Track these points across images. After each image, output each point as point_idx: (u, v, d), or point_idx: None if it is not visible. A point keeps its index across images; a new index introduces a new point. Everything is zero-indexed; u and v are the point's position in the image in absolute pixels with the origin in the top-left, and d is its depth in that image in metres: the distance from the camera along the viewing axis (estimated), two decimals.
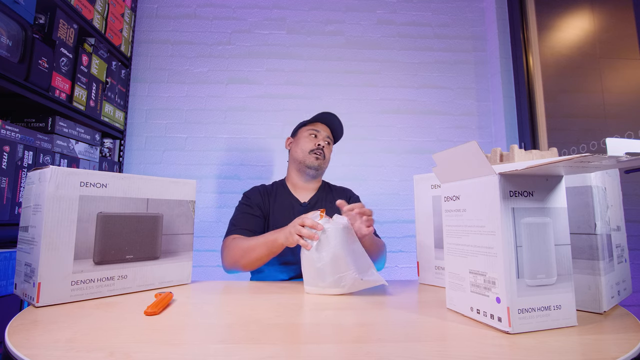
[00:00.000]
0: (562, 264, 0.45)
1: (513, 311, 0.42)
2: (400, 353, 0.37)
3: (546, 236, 0.45)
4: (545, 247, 0.44)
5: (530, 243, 0.44)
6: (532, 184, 0.45)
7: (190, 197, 0.75)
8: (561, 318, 0.44)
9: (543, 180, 0.46)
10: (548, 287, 0.44)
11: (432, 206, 0.71)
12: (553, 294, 0.44)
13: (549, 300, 0.43)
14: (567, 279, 0.45)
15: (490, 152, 0.71)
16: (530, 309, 0.43)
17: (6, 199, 1.05)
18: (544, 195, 0.45)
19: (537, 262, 0.44)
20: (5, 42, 1.04)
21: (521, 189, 0.45)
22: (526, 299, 0.43)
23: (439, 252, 0.69)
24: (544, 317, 0.43)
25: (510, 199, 0.44)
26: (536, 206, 0.45)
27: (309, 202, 1.09)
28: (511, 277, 0.43)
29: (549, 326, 0.43)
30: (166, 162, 1.82)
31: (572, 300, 0.44)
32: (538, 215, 0.45)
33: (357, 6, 2.00)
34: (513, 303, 0.42)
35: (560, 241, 0.45)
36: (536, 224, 0.44)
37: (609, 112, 1.45)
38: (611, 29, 1.48)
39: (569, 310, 0.44)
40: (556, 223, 0.45)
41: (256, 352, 0.37)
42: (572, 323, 0.44)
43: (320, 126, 1.14)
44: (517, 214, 0.44)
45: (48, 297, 0.53)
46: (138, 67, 1.88)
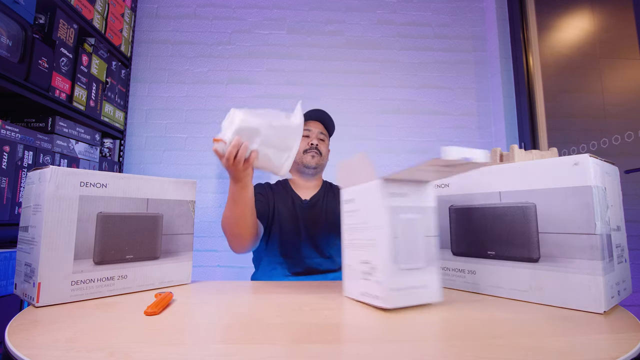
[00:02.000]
0: (429, 252, 0.55)
1: (386, 290, 0.52)
2: (400, 353, 0.37)
3: (417, 229, 0.55)
4: (416, 239, 0.55)
5: (404, 235, 0.54)
6: (406, 187, 0.56)
7: (190, 197, 0.75)
8: (428, 295, 0.54)
9: (416, 183, 0.56)
10: (417, 270, 0.54)
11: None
12: (421, 275, 0.54)
13: (418, 281, 0.54)
14: (433, 264, 0.55)
15: (490, 152, 0.71)
16: (403, 288, 0.53)
17: (6, 199, 1.05)
18: (417, 196, 0.56)
19: (409, 250, 0.54)
20: (5, 42, 1.05)
21: (398, 190, 0.55)
22: (399, 279, 0.53)
23: (440, 252, 0.69)
24: (413, 294, 0.53)
25: (390, 199, 0.54)
26: (410, 205, 0.55)
27: (310, 200, 1.10)
28: (390, 263, 0.53)
29: (418, 302, 0.54)
30: (166, 162, 1.82)
31: (437, 280, 0.55)
32: (411, 213, 0.55)
33: (357, 6, 2.00)
34: (387, 283, 0.52)
35: (428, 233, 0.56)
36: (409, 219, 0.55)
37: (609, 112, 1.45)
38: (611, 29, 1.48)
39: (434, 288, 0.55)
40: (425, 219, 0.56)
41: (256, 352, 0.37)
42: (437, 299, 0.55)
43: (312, 124, 1.15)
44: (394, 212, 0.54)
45: (48, 297, 0.53)
46: (138, 67, 1.88)
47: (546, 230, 0.55)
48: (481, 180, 0.63)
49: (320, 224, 1.07)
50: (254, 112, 0.67)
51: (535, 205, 0.56)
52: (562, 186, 0.53)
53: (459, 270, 0.66)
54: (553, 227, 0.54)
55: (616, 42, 1.45)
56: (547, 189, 0.55)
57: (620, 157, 1.33)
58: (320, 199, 1.11)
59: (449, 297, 0.61)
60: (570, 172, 0.52)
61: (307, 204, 1.09)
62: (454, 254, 0.67)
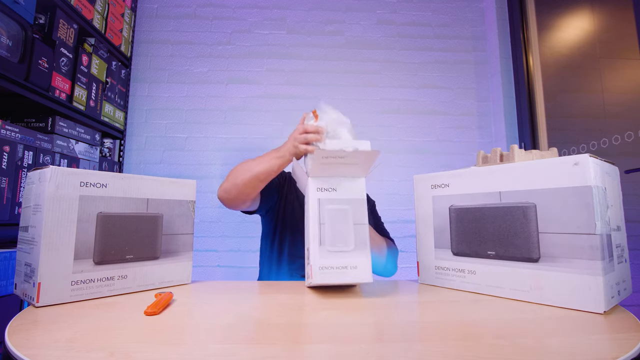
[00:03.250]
0: (359, 238, 0.62)
1: (315, 268, 0.61)
2: (400, 353, 0.37)
3: (346, 217, 0.63)
4: (345, 225, 0.62)
5: (331, 222, 0.62)
6: (335, 183, 0.65)
7: (190, 197, 0.75)
8: (358, 275, 0.60)
9: (346, 179, 0.65)
10: (346, 252, 0.61)
11: (432, 206, 0.71)
12: (350, 257, 0.61)
13: (346, 262, 0.60)
14: (362, 247, 0.62)
15: (490, 152, 0.71)
16: (329, 267, 0.60)
17: (6, 199, 1.05)
18: (345, 190, 0.65)
19: (337, 235, 0.62)
20: (5, 42, 1.05)
21: (327, 186, 0.65)
22: (326, 260, 0.60)
23: (439, 252, 0.69)
24: (341, 273, 0.60)
25: (317, 193, 0.64)
26: (337, 197, 0.64)
27: None
28: (317, 245, 0.61)
29: (347, 281, 0.60)
30: (166, 162, 1.82)
31: (367, 262, 0.61)
32: (339, 204, 0.63)
33: (357, 6, 2.00)
34: (316, 263, 0.61)
35: (358, 222, 0.63)
36: (337, 209, 0.63)
37: (609, 112, 1.45)
38: (611, 29, 1.48)
39: (364, 270, 0.61)
40: (355, 209, 0.63)
41: (256, 352, 0.37)
42: (367, 280, 0.60)
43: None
44: (322, 203, 0.63)
45: (48, 297, 0.53)
46: (138, 67, 1.88)
47: (546, 230, 0.55)
48: (481, 180, 0.63)
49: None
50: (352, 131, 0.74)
51: (535, 205, 0.56)
52: (562, 186, 0.53)
53: (459, 270, 0.66)
54: (553, 227, 0.54)
55: (616, 42, 1.45)
56: (547, 189, 0.55)
57: (620, 157, 1.33)
58: None
59: (449, 297, 0.61)
60: (570, 172, 0.52)
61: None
62: (454, 254, 0.67)
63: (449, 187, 0.68)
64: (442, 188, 0.70)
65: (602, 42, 1.51)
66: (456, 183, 0.67)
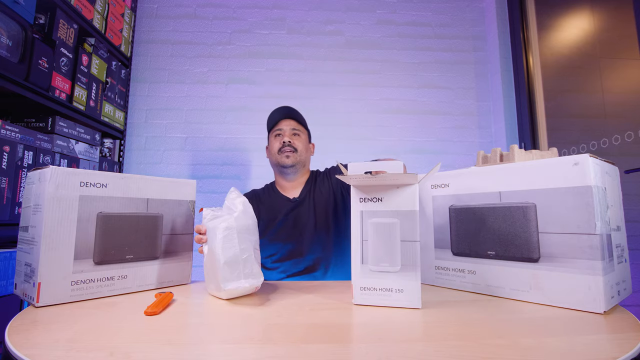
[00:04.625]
0: (407, 257, 0.54)
1: (356, 288, 0.56)
2: (400, 353, 0.37)
3: (392, 233, 0.54)
4: (391, 242, 0.54)
5: (375, 238, 0.55)
6: (382, 191, 0.56)
7: (190, 197, 0.75)
8: (403, 299, 0.53)
9: (394, 188, 0.55)
10: (391, 273, 0.54)
11: (432, 206, 0.71)
12: (396, 279, 0.54)
13: (391, 284, 0.54)
14: (412, 269, 0.53)
15: (490, 152, 0.71)
16: (371, 288, 0.55)
17: (6, 199, 1.05)
18: (393, 200, 0.55)
19: (380, 253, 0.54)
20: (5, 42, 1.05)
21: (370, 195, 0.56)
22: (368, 280, 0.55)
23: (439, 252, 0.69)
24: (385, 296, 0.54)
25: (360, 204, 0.56)
26: (384, 209, 0.55)
27: (298, 197, 1.09)
28: (358, 264, 0.55)
29: (391, 304, 0.54)
30: (166, 162, 1.82)
31: (416, 287, 0.53)
32: (385, 217, 0.55)
33: (357, 6, 2.00)
34: (356, 282, 0.56)
35: (407, 238, 0.54)
36: (382, 223, 0.55)
37: (609, 112, 1.45)
38: (611, 29, 1.48)
39: (412, 294, 0.53)
40: (404, 223, 0.54)
41: (256, 352, 0.37)
42: (414, 305, 0.53)
43: (283, 123, 1.11)
44: (364, 216, 0.56)
45: (48, 297, 0.53)
46: (138, 67, 1.88)
47: (546, 230, 0.55)
48: (481, 180, 0.63)
49: (310, 221, 1.05)
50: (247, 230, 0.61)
51: (535, 205, 0.56)
52: (562, 186, 0.53)
53: (459, 270, 0.66)
54: (553, 227, 0.54)
55: (616, 42, 1.45)
56: (547, 189, 0.55)
57: (620, 157, 1.33)
58: (307, 194, 1.09)
59: (449, 297, 0.61)
60: (570, 172, 0.52)
61: (295, 201, 1.08)
62: (454, 254, 0.67)
63: (449, 187, 0.68)
64: (442, 188, 0.69)
65: (602, 42, 1.51)
66: (456, 183, 0.67)
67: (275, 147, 1.09)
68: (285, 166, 1.07)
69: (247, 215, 0.62)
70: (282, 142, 1.08)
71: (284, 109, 1.12)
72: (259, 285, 0.60)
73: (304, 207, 1.07)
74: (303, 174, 1.13)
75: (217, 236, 0.58)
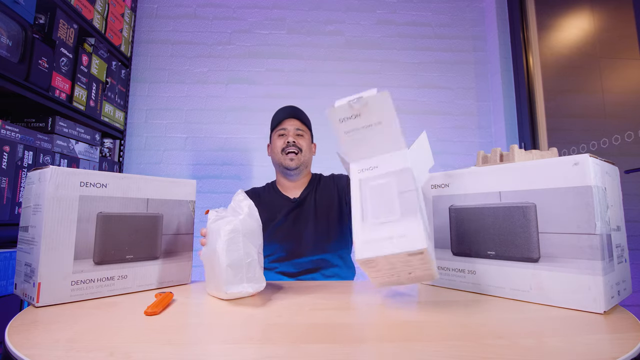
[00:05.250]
0: (406, 205, 0.54)
1: (358, 244, 0.54)
2: (400, 353, 0.37)
3: (389, 190, 0.56)
4: (388, 197, 0.56)
5: (373, 197, 0.57)
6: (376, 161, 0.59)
7: (190, 197, 0.75)
8: (406, 243, 0.52)
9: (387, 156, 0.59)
10: (391, 222, 0.54)
11: (432, 206, 0.71)
12: (395, 226, 0.53)
13: (391, 232, 0.53)
14: (410, 214, 0.53)
15: (490, 152, 0.71)
16: (374, 240, 0.54)
17: (6, 199, 1.05)
18: (388, 164, 0.58)
19: (379, 208, 0.55)
20: (5, 42, 1.05)
21: (367, 166, 0.59)
22: (369, 234, 0.55)
23: (439, 252, 0.69)
24: (387, 243, 0.53)
25: (358, 174, 0.59)
26: (379, 174, 0.58)
27: (299, 197, 1.09)
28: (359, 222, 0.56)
29: (395, 251, 0.52)
30: (166, 162, 1.82)
31: (416, 228, 0.52)
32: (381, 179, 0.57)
33: (357, 6, 2.00)
34: (358, 239, 0.55)
35: (403, 189, 0.55)
36: (379, 184, 0.57)
37: (609, 112, 1.45)
38: (611, 29, 1.48)
39: (413, 237, 0.52)
40: (399, 179, 0.56)
41: (256, 352, 0.37)
42: (418, 247, 0.51)
43: (287, 122, 1.11)
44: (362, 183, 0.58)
45: (48, 297, 0.53)
46: (138, 67, 1.88)
47: (546, 230, 0.55)
48: (481, 180, 0.63)
49: (310, 222, 1.05)
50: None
51: (535, 205, 0.56)
52: (562, 186, 0.53)
53: (459, 270, 0.66)
54: (553, 227, 0.54)
55: (616, 42, 1.45)
56: (547, 189, 0.55)
57: (620, 157, 1.33)
58: (309, 195, 1.09)
59: (449, 297, 0.61)
60: (570, 172, 0.52)
61: (296, 201, 1.08)
62: (454, 254, 0.67)
63: (449, 187, 0.68)
64: (442, 188, 0.69)
65: (602, 42, 1.51)
66: (456, 183, 0.67)
67: (279, 146, 1.08)
68: (289, 168, 1.07)
69: (252, 218, 0.62)
70: (286, 141, 1.08)
71: (289, 109, 1.12)
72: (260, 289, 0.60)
73: (305, 207, 1.07)
74: (305, 175, 1.13)
75: (221, 238, 0.58)
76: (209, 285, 0.63)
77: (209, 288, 0.63)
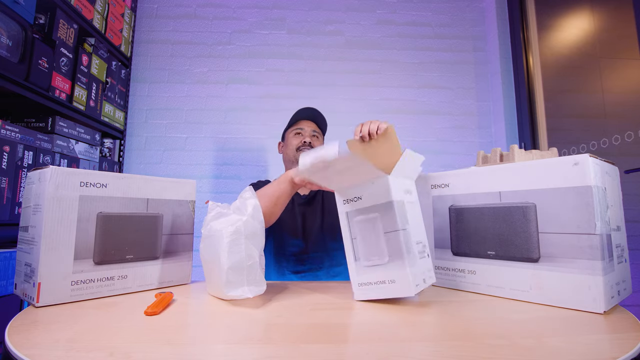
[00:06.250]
0: (393, 248, 0.55)
1: (355, 285, 0.59)
2: (400, 353, 0.37)
3: (375, 227, 0.56)
4: (375, 236, 0.56)
5: (361, 235, 0.58)
6: (360, 190, 0.58)
7: (190, 197, 0.75)
8: (397, 289, 0.54)
9: (369, 184, 0.57)
10: (382, 266, 0.56)
11: (432, 206, 0.71)
12: (386, 271, 0.55)
13: (383, 277, 0.55)
14: (398, 258, 0.54)
15: (490, 152, 0.71)
16: (367, 283, 0.57)
17: (6, 199, 1.05)
18: (371, 196, 0.57)
19: (369, 248, 0.57)
20: (5, 42, 1.04)
21: (351, 196, 0.59)
22: (363, 276, 0.58)
23: (439, 252, 0.69)
24: (380, 288, 0.56)
25: (344, 206, 0.60)
26: (363, 206, 0.58)
27: (308, 194, 1.10)
28: (352, 262, 0.59)
29: (387, 295, 0.55)
30: (166, 162, 1.82)
31: (406, 275, 0.53)
32: (366, 213, 0.57)
33: (357, 6, 2.00)
34: (354, 280, 0.59)
35: (389, 229, 0.55)
36: (364, 219, 0.57)
37: (609, 112, 1.45)
38: (611, 29, 1.48)
39: (403, 283, 0.54)
40: (384, 215, 0.55)
41: (256, 352, 0.37)
42: (407, 294, 0.54)
43: (304, 123, 1.14)
44: (349, 216, 0.59)
45: (48, 297, 0.53)
46: (138, 67, 1.88)
47: (546, 230, 0.55)
48: (481, 180, 0.63)
49: (317, 219, 1.06)
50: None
51: (535, 205, 0.56)
52: (562, 186, 0.53)
53: (459, 270, 0.66)
54: (553, 227, 0.54)
55: (616, 42, 1.45)
56: (547, 189, 0.55)
57: (620, 157, 1.33)
58: (318, 193, 1.10)
59: (449, 297, 0.61)
60: (570, 172, 0.52)
61: (305, 197, 1.09)
62: (454, 254, 0.67)
63: (449, 187, 0.68)
64: (442, 188, 0.70)
65: (602, 42, 1.51)
66: (456, 183, 0.67)
67: (294, 144, 1.11)
68: None
69: (255, 219, 0.62)
70: (302, 141, 1.10)
71: (309, 110, 1.15)
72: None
73: (313, 206, 1.09)
74: None
75: (223, 239, 0.58)
76: (209, 285, 0.63)
77: (210, 288, 0.63)
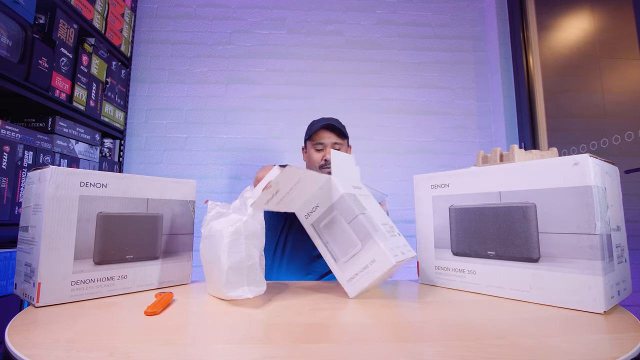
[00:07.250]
0: (360, 232, 0.57)
1: (344, 283, 0.60)
2: (400, 353, 0.37)
3: (339, 223, 0.59)
4: (342, 230, 0.59)
5: (331, 236, 0.61)
6: (315, 200, 0.62)
7: (190, 197, 0.75)
8: (380, 266, 0.56)
9: (320, 191, 0.61)
10: (358, 254, 0.58)
11: (432, 206, 0.71)
12: (364, 255, 0.57)
13: (364, 261, 0.57)
14: (369, 239, 0.57)
15: (490, 152, 0.71)
16: (354, 275, 0.58)
17: (6, 199, 1.05)
18: (325, 200, 0.61)
19: (342, 244, 0.59)
20: (5, 42, 1.04)
21: (310, 208, 0.62)
22: (347, 272, 0.59)
23: (439, 252, 0.69)
24: (365, 274, 0.57)
25: (306, 220, 0.63)
26: (324, 209, 0.61)
27: None
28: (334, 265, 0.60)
29: (372, 277, 0.57)
30: (166, 162, 1.82)
31: (381, 250, 0.55)
32: (328, 214, 0.61)
33: (357, 6, 2.00)
34: (341, 278, 0.60)
35: (350, 218, 0.58)
36: (326, 223, 0.61)
37: (609, 112, 1.45)
38: (611, 29, 1.48)
39: (382, 258, 0.55)
40: (342, 209, 0.59)
41: (256, 352, 0.37)
42: (389, 265, 0.55)
43: (324, 134, 1.11)
44: (315, 225, 0.62)
45: (48, 297, 0.53)
46: (138, 67, 1.88)
47: (546, 230, 0.55)
48: (481, 180, 0.63)
49: None
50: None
51: (535, 205, 0.56)
52: (562, 186, 0.53)
53: (459, 270, 0.66)
54: (553, 227, 0.54)
55: (616, 42, 1.45)
56: (547, 189, 0.55)
57: (620, 157, 1.33)
58: None
59: (449, 297, 0.61)
60: (570, 172, 0.52)
61: None
62: (454, 254, 0.67)
63: (449, 187, 0.68)
64: (442, 188, 0.69)
65: (602, 42, 1.51)
66: (456, 183, 0.67)
67: (316, 160, 1.10)
68: None
69: (256, 220, 0.62)
70: (324, 158, 1.09)
71: (328, 120, 1.12)
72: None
73: None
74: None
75: (223, 239, 0.58)
76: (209, 285, 0.63)
77: (210, 288, 0.63)
